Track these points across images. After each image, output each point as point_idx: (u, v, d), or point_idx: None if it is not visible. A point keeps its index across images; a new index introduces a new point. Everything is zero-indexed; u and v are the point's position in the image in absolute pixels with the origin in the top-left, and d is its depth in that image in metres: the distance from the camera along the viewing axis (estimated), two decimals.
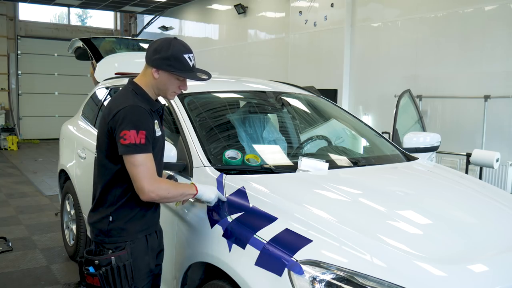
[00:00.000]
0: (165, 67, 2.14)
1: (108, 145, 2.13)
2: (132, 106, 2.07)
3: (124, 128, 2.03)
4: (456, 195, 2.67)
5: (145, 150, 2.05)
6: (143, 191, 2.05)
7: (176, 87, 2.22)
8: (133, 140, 2.02)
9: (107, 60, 4.61)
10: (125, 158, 2.06)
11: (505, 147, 5.94)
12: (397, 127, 4.94)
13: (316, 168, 2.65)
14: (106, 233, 2.15)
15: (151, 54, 2.17)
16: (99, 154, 2.21)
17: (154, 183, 2.06)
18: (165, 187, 2.12)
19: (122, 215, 2.15)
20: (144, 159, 2.05)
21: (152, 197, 2.08)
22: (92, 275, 2.11)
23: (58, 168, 4.82)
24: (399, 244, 1.95)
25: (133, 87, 2.20)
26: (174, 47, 2.14)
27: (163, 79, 2.17)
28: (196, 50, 12.72)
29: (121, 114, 2.06)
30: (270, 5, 10.23)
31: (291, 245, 1.95)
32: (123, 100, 2.13)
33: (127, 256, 2.13)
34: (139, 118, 2.06)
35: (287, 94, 3.59)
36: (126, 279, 2.12)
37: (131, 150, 2.03)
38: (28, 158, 11.22)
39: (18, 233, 5.37)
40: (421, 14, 6.99)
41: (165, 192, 2.11)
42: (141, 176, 2.04)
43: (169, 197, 2.16)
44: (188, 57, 2.16)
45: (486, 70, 6.17)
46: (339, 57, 8.12)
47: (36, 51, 14.68)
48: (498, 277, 1.92)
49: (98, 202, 2.20)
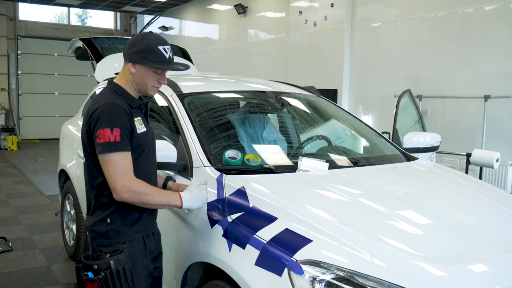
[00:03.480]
0: (140, 60, 2.11)
1: (91, 147, 2.10)
2: (107, 104, 2.05)
3: (99, 127, 2.01)
4: (456, 195, 2.67)
5: (120, 148, 2.01)
6: (115, 189, 2.00)
7: (155, 81, 2.17)
8: (107, 138, 1.98)
9: (107, 60, 4.60)
10: (100, 157, 2.02)
11: (505, 147, 5.94)
12: (397, 127, 4.94)
13: (316, 168, 2.65)
14: (104, 235, 2.12)
15: (127, 49, 2.15)
16: (86, 158, 2.17)
17: (127, 182, 2.00)
18: (140, 189, 2.03)
19: (119, 216, 2.13)
20: (119, 157, 2.00)
21: (124, 197, 2.01)
22: (91, 280, 2.08)
23: (58, 168, 4.82)
24: (399, 244, 1.95)
25: (112, 86, 2.18)
26: (149, 40, 2.12)
27: (140, 73, 2.14)
28: (196, 50, 12.66)
29: (96, 113, 2.03)
30: (270, 5, 10.23)
31: (291, 245, 1.95)
32: (100, 99, 2.11)
33: (126, 259, 2.11)
34: (113, 116, 2.02)
35: (287, 94, 3.59)
36: (126, 282, 2.09)
37: (106, 149, 2.00)
38: (28, 158, 11.22)
39: (18, 233, 5.37)
40: (421, 14, 6.99)
41: (138, 195, 2.02)
42: (114, 174, 1.99)
43: (144, 201, 2.06)
44: (163, 48, 2.12)
45: (486, 70, 6.17)
46: (339, 57, 8.12)
47: (36, 51, 14.68)
48: (498, 277, 1.92)
49: (95, 206, 2.16)
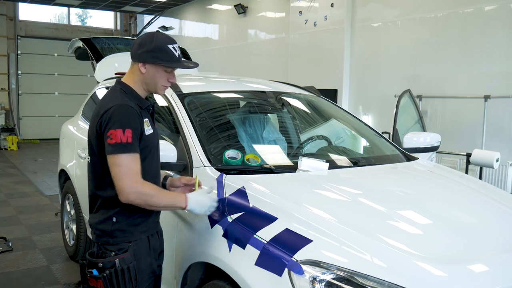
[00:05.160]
0: (151, 60, 2.11)
1: (99, 147, 2.09)
2: (119, 106, 2.04)
3: (111, 128, 2.00)
4: (456, 195, 2.67)
5: (131, 149, 2.01)
6: (122, 191, 1.99)
7: (165, 80, 2.18)
8: (119, 139, 1.98)
9: (107, 60, 4.60)
10: (110, 158, 2.02)
11: (505, 147, 5.94)
12: (397, 127, 4.94)
13: (316, 168, 2.65)
14: (110, 234, 2.13)
15: (136, 49, 2.15)
16: (93, 157, 2.16)
17: (134, 184, 1.99)
18: (147, 191, 2.03)
19: (126, 216, 2.13)
20: (128, 159, 2.00)
21: (131, 199, 2.00)
22: (95, 277, 2.08)
23: (58, 168, 4.82)
24: (399, 244, 1.95)
25: (121, 86, 2.17)
26: (158, 39, 2.12)
27: (150, 72, 2.14)
28: (196, 50, 12.66)
29: (108, 114, 2.03)
30: (270, 5, 10.22)
31: (291, 245, 1.95)
32: (111, 100, 2.10)
33: (131, 258, 2.11)
34: (126, 117, 2.03)
35: (287, 94, 3.59)
36: (130, 281, 2.10)
37: (116, 150, 1.99)
38: (28, 158, 11.22)
39: (18, 233, 5.37)
40: (421, 14, 6.99)
41: (145, 197, 2.02)
42: (122, 176, 1.99)
43: (150, 203, 2.05)
44: (172, 47, 2.13)
45: (486, 70, 6.17)
46: (339, 57, 8.12)
47: (36, 51, 14.68)
48: (498, 277, 1.92)
49: (100, 204, 2.16)
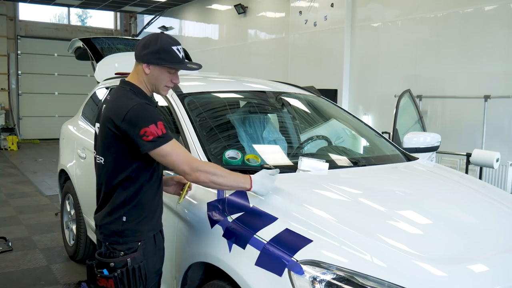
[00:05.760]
0: (156, 61, 2.14)
1: (119, 148, 2.10)
2: (140, 104, 2.08)
3: (142, 126, 2.02)
4: (456, 195, 2.67)
5: (170, 138, 2.07)
6: (186, 172, 2.08)
7: (168, 81, 2.21)
8: (155, 133, 2.02)
9: (107, 60, 4.60)
10: (154, 153, 2.05)
11: (505, 147, 5.94)
12: (397, 127, 4.95)
13: (316, 168, 2.65)
14: (120, 233, 2.13)
15: (140, 50, 2.17)
16: (107, 158, 2.16)
17: (194, 162, 2.09)
18: (207, 168, 2.12)
19: (135, 215, 2.14)
20: (173, 145, 2.07)
21: (197, 176, 2.08)
22: (106, 277, 2.09)
23: (58, 168, 4.82)
24: (399, 244, 1.95)
25: (130, 87, 2.18)
26: (162, 40, 2.15)
27: (154, 73, 2.17)
28: (196, 50, 12.67)
29: (130, 114, 2.04)
30: (270, 5, 10.23)
31: (291, 245, 1.95)
32: (127, 100, 2.11)
33: (141, 257, 2.13)
34: (151, 113, 2.07)
35: (287, 94, 3.59)
36: (141, 279, 2.12)
37: (159, 143, 2.03)
38: (28, 158, 11.22)
39: (18, 233, 5.37)
40: (421, 14, 6.99)
41: (208, 174, 2.10)
42: (178, 160, 2.07)
43: (214, 180, 2.12)
44: (177, 49, 2.16)
45: (486, 70, 6.17)
46: (339, 57, 8.12)
47: (36, 51, 14.68)
48: (498, 277, 1.92)
49: (110, 204, 2.16)
